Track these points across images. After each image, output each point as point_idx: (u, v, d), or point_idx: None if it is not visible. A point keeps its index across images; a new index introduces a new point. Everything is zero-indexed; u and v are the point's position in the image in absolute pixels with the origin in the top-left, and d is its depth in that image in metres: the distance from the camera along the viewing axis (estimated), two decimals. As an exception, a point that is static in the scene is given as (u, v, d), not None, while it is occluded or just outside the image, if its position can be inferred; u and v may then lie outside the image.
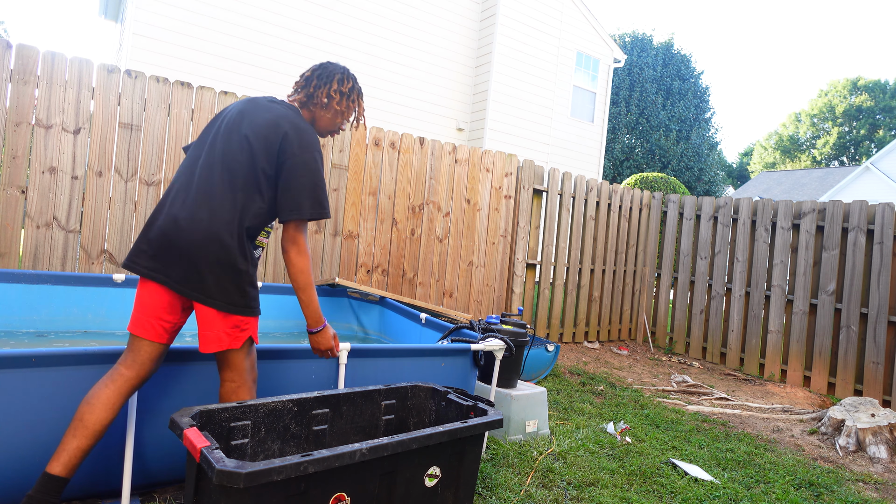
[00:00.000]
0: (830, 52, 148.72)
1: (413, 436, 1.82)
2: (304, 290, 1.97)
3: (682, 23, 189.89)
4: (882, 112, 38.88)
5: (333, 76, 2.11)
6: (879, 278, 5.15)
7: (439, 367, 2.77)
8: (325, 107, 2.13)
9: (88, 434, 1.79)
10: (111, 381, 1.85)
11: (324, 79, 2.10)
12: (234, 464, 1.45)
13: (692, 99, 21.75)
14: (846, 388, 5.28)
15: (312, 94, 2.10)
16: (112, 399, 1.84)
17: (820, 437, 4.03)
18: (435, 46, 10.86)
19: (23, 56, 3.63)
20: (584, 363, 5.68)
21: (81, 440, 1.78)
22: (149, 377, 1.94)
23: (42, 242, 3.74)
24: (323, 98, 2.10)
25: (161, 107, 4.08)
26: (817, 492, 3.06)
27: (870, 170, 23.95)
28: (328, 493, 1.67)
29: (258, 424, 1.97)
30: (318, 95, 2.10)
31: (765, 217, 6.07)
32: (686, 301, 6.75)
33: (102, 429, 1.82)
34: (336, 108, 2.13)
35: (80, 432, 1.78)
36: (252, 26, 8.92)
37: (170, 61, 8.24)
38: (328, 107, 2.13)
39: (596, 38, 12.81)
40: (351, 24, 9.83)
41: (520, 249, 5.91)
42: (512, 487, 2.60)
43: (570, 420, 3.77)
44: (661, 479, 2.91)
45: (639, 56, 21.45)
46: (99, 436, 1.82)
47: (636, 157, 20.45)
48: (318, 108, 2.12)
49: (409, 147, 5.16)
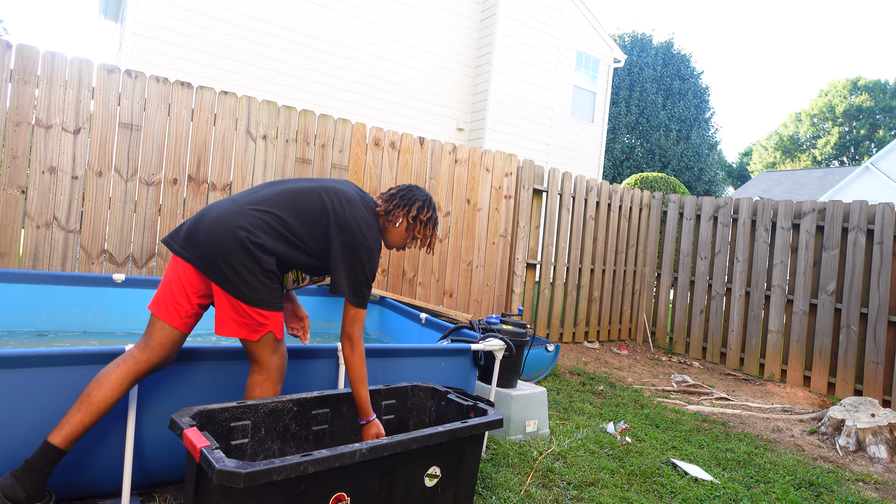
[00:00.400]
0: (831, 51, 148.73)
1: (413, 436, 1.82)
2: (354, 385, 2.09)
3: (682, 22, 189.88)
4: (882, 112, 38.88)
5: (414, 202, 2.27)
6: (879, 278, 5.15)
7: (439, 367, 2.77)
8: (397, 226, 2.27)
9: (92, 410, 1.84)
10: (122, 362, 1.92)
11: (405, 201, 2.26)
12: (234, 464, 1.45)
13: (692, 99, 21.75)
14: (846, 388, 5.28)
15: (391, 210, 2.24)
16: (120, 379, 1.89)
17: (820, 437, 4.03)
18: (435, 46, 10.86)
19: (23, 56, 3.63)
20: (584, 363, 5.68)
21: (84, 415, 1.84)
22: (160, 364, 1.98)
23: (42, 242, 3.74)
24: (399, 218, 2.25)
25: (161, 107, 4.08)
26: (817, 492, 3.06)
27: (870, 170, 23.95)
28: (328, 493, 1.67)
29: (258, 424, 1.97)
30: (395, 214, 2.24)
31: (765, 217, 6.07)
32: (686, 301, 6.75)
33: (106, 407, 1.87)
34: (406, 232, 2.29)
35: (84, 407, 1.84)
36: (252, 26, 8.92)
37: (170, 61, 8.24)
38: (400, 227, 2.27)
39: (596, 38, 12.80)
40: (351, 24, 9.83)
41: (520, 249, 5.91)
42: (512, 487, 2.60)
43: (570, 420, 3.77)
44: (661, 479, 2.91)
45: (639, 56, 21.45)
46: (102, 413, 1.86)
47: (636, 156, 20.45)
48: (391, 224, 2.26)
49: (409, 147, 5.16)
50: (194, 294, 2.02)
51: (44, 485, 1.82)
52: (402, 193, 2.28)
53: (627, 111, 20.75)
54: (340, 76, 9.80)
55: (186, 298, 2.01)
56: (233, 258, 1.94)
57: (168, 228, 4.15)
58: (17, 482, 1.77)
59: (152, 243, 4.11)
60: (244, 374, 2.25)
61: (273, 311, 2.01)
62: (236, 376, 2.24)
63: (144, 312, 3.44)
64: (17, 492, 1.76)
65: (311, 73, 9.51)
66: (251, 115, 4.42)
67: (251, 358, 2.07)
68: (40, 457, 1.80)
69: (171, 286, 2.01)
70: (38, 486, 1.80)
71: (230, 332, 1.99)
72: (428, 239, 2.33)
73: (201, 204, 4.26)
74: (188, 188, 4.22)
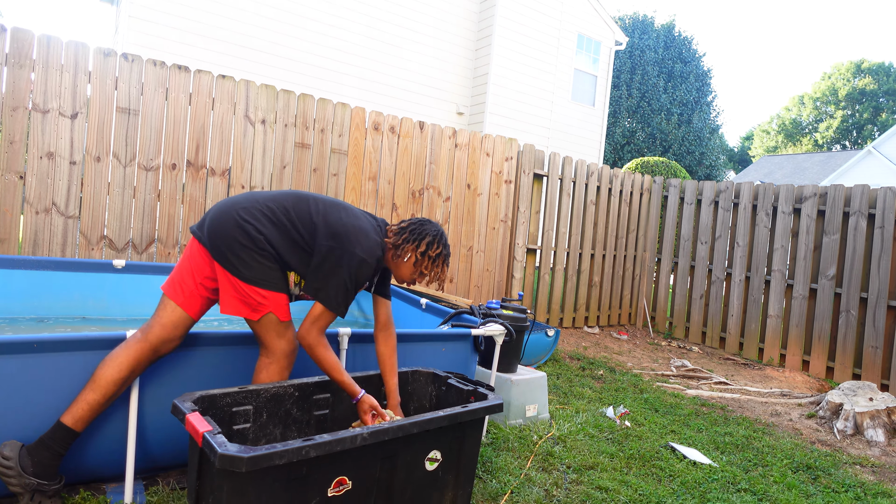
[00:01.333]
0: (834, 34, 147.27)
1: (414, 420, 1.83)
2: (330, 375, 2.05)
3: (684, 5, 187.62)
4: (885, 95, 38.59)
5: (424, 237, 2.21)
6: (880, 263, 5.15)
7: (440, 352, 2.78)
8: (405, 260, 2.21)
9: (98, 388, 1.88)
10: (126, 343, 1.97)
11: (415, 235, 2.21)
12: (236, 448, 1.46)
13: (694, 82, 21.57)
14: (845, 373, 5.30)
15: (400, 245, 2.20)
16: (121, 358, 1.92)
17: (818, 421, 4.05)
18: (435, 29, 10.74)
19: (18, 40, 3.59)
20: (583, 348, 5.70)
21: (90, 393, 1.87)
22: (163, 345, 2.00)
23: (41, 228, 3.74)
24: (408, 253, 2.20)
25: (159, 91, 4.05)
26: (815, 475, 3.09)
27: (872, 153, 23.84)
28: (330, 477, 1.68)
29: (260, 409, 1.98)
30: (404, 249, 2.19)
31: (766, 201, 6.06)
32: (686, 286, 6.76)
33: (111, 384, 1.89)
34: (415, 267, 2.23)
35: (91, 385, 1.88)
36: (250, 9, 8.82)
37: (167, 45, 8.16)
38: (409, 261, 2.22)
39: (597, 20, 12.66)
40: (350, 7, 9.72)
41: (520, 234, 5.90)
42: (512, 471, 2.62)
43: (570, 404, 3.79)
44: (659, 463, 2.94)
45: (640, 38, 21.23)
46: (108, 393, 1.89)
47: (637, 141, 20.34)
48: (400, 259, 2.21)
49: (408, 131, 5.13)
50: (199, 274, 2.06)
51: (56, 464, 1.85)
52: (413, 227, 2.23)
53: (629, 95, 20.60)
54: (339, 60, 9.71)
55: (192, 277, 2.06)
56: (229, 236, 2.00)
57: (167, 214, 4.14)
58: (28, 455, 1.82)
59: (152, 229, 4.10)
60: (247, 359, 2.26)
61: (271, 290, 2.03)
62: (239, 362, 2.25)
63: (145, 298, 3.44)
64: (26, 464, 1.81)
65: (310, 57, 9.42)
66: (249, 99, 4.39)
67: (259, 341, 2.10)
68: (52, 435, 1.84)
69: (182, 265, 2.09)
70: (48, 465, 1.83)
71: (232, 310, 2.03)
72: (437, 275, 2.28)
73: (200, 189, 4.25)
74: (187, 173, 4.20)
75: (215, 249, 2.01)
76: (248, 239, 2.00)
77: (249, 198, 2.12)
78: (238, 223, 2.01)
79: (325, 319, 2.04)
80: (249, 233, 2.01)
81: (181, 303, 2.03)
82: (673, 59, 21.39)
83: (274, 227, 2.06)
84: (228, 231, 2.00)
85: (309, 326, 2.02)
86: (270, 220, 2.06)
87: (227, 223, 2.01)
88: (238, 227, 2.01)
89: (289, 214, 2.09)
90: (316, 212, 2.12)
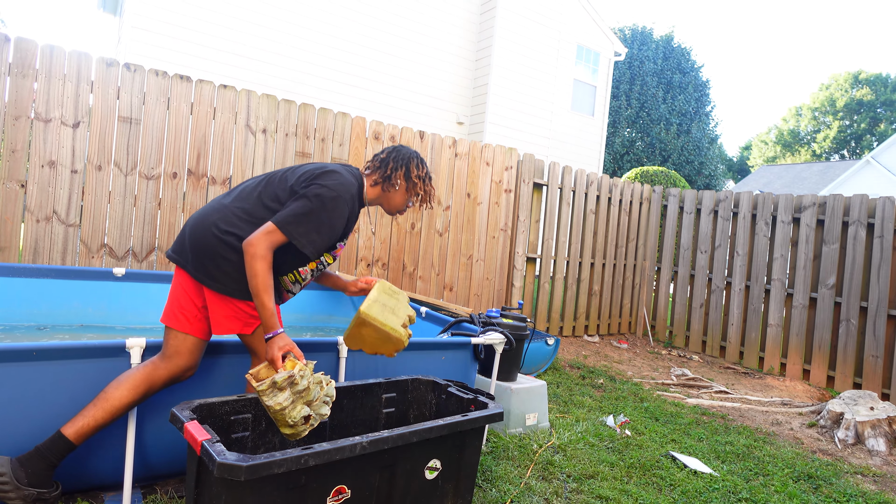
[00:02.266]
0: (832, 45, 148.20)
1: (413, 429, 1.83)
2: (256, 295, 1.86)
3: (683, 16, 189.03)
4: (883, 106, 38.76)
5: (409, 160, 2.23)
6: (879, 272, 5.15)
7: (440, 360, 2.78)
8: (398, 188, 2.22)
9: (107, 407, 1.86)
10: (144, 366, 1.95)
11: (399, 162, 2.22)
12: (235, 457, 1.46)
13: (692, 92, 21.68)
14: (845, 382, 5.29)
15: (389, 175, 2.19)
16: (137, 381, 1.91)
17: (819, 430, 4.04)
18: (435, 40, 10.82)
19: (21, 49, 3.62)
20: (583, 357, 5.69)
21: (98, 410, 1.85)
22: (181, 373, 2.00)
23: (42, 236, 3.74)
24: (399, 180, 2.21)
25: (160, 100, 4.07)
26: (816, 484, 3.07)
27: (870, 164, 23.91)
28: (329, 486, 1.67)
29: (259, 417, 1.97)
30: (395, 177, 2.20)
31: (765, 211, 6.07)
32: (686, 295, 6.75)
33: (121, 406, 1.87)
34: (408, 192, 2.25)
35: (100, 403, 1.86)
36: (251, 19, 8.89)
37: (169, 55, 8.21)
38: (401, 189, 2.23)
39: (596, 31, 12.75)
40: (351, 18, 9.79)
41: (520, 243, 5.91)
42: (512, 480, 2.61)
43: (570, 413, 3.78)
44: (660, 472, 2.93)
45: (639, 49, 21.37)
46: (116, 413, 1.87)
47: (636, 150, 20.41)
48: (392, 188, 2.21)
49: (409, 141, 5.15)
50: (199, 299, 2.02)
51: (50, 474, 1.83)
52: (394, 156, 2.23)
53: (628, 105, 20.70)
54: (340, 70, 9.77)
55: (191, 302, 2.02)
56: (213, 254, 1.95)
57: (168, 222, 4.14)
58: (21, 466, 1.79)
59: (152, 237, 4.11)
60: (246, 367, 2.26)
61: None
62: (238, 370, 2.24)
63: (144, 306, 3.45)
64: (20, 475, 1.78)
65: (311, 67, 9.48)
66: (251, 108, 4.41)
67: (251, 352, 2.08)
68: (50, 445, 1.81)
69: (176, 294, 2.04)
70: (42, 475, 1.81)
71: (225, 330, 1.99)
72: (429, 193, 2.29)
73: (201, 198, 4.26)
74: (188, 182, 4.22)
75: (202, 272, 1.95)
76: (233, 251, 1.95)
77: (218, 206, 2.03)
78: (219, 238, 1.95)
79: (278, 237, 1.90)
80: (233, 245, 1.95)
81: (185, 328, 2.00)
82: (672, 69, 21.51)
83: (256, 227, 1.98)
84: (211, 250, 1.95)
85: (261, 236, 1.88)
86: (249, 221, 1.98)
87: (207, 243, 1.96)
88: (221, 243, 1.95)
89: (263, 201, 2.01)
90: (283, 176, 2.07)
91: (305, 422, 1.76)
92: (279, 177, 2.09)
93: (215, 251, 1.95)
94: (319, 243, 1.98)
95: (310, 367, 1.81)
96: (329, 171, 2.03)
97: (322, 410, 1.82)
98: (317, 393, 1.81)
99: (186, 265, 1.99)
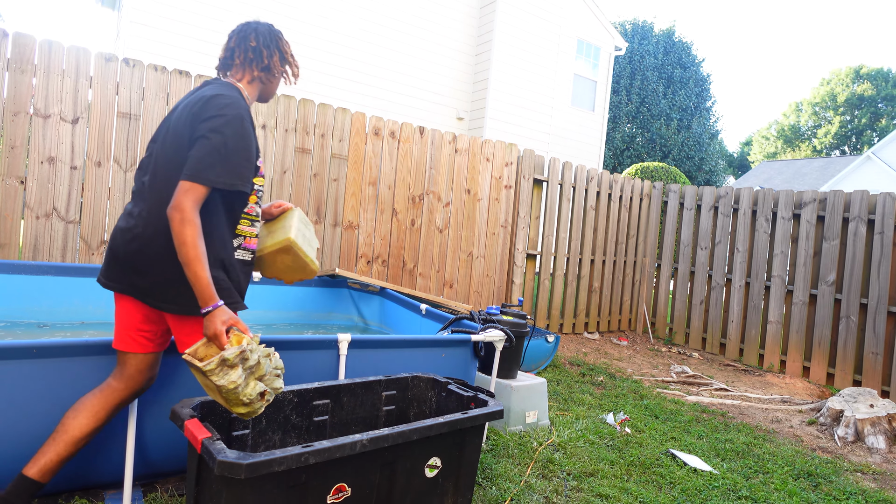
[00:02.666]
0: (833, 40, 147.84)
1: (414, 427, 1.83)
2: (188, 266, 1.64)
3: (684, 10, 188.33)
4: (884, 101, 38.67)
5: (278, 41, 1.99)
6: (880, 268, 5.15)
7: (440, 357, 2.78)
8: (276, 74, 2.00)
9: (68, 440, 1.75)
10: (100, 391, 1.83)
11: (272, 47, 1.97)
12: (235, 455, 1.46)
13: (693, 87, 21.63)
14: (845, 379, 5.30)
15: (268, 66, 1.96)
16: (97, 408, 1.79)
17: (819, 428, 4.04)
18: (435, 35, 10.78)
19: (20, 45, 3.60)
20: (583, 354, 5.69)
21: (59, 445, 1.74)
22: (142, 387, 1.90)
23: (42, 233, 3.74)
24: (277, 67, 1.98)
25: (160, 96, 4.05)
26: (816, 482, 3.08)
27: (871, 159, 23.87)
28: (329, 484, 1.67)
29: (259, 415, 1.97)
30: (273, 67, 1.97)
31: (765, 207, 6.06)
32: (686, 292, 6.75)
33: (83, 436, 1.77)
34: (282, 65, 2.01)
35: (59, 437, 1.75)
36: (250, 14, 8.85)
37: (168, 49, 8.18)
38: (276, 62, 1.98)
39: (597, 26, 12.70)
40: (351, 13, 9.75)
41: (520, 240, 5.90)
42: (512, 478, 2.61)
43: (570, 411, 3.78)
44: (660, 470, 2.93)
45: (640, 44, 21.30)
46: (78, 444, 1.77)
47: (637, 146, 20.37)
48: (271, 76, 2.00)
49: (409, 136, 5.13)
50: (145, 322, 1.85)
51: None
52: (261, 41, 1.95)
53: (628, 100, 20.65)
54: (340, 66, 9.74)
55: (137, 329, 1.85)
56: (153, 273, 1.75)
57: (167, 219, 4.13)
58: None
59: (152, 234, 4.10)
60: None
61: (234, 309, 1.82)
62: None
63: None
64: None
65: (311, 63, 9.45)
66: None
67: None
68: (14, 490, 1.69)
69: (121, 319, 1.86)
70: None
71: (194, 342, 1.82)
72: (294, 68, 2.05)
73: (201, 194, 4.24)
74: (187, 178, 4.20)
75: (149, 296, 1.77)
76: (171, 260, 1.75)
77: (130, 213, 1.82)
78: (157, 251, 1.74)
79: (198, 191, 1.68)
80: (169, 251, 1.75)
81: (139, 349, 1.85)
82: (672, 64, 21.45)
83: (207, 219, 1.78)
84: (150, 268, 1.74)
85: (181, 198, 1.65)
86: None
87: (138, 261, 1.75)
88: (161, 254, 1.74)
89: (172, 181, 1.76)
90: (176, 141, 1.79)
91: (261, 398, 1.66)
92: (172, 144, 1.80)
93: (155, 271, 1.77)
94: (243, 172, 1.78)
95: (256, 341, 1.69)
96: (209, 98, 1.77)
97: (276, 384, 1.72)
98: (268, 367, 1.70)
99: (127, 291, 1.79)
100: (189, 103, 1.81)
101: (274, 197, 4.50)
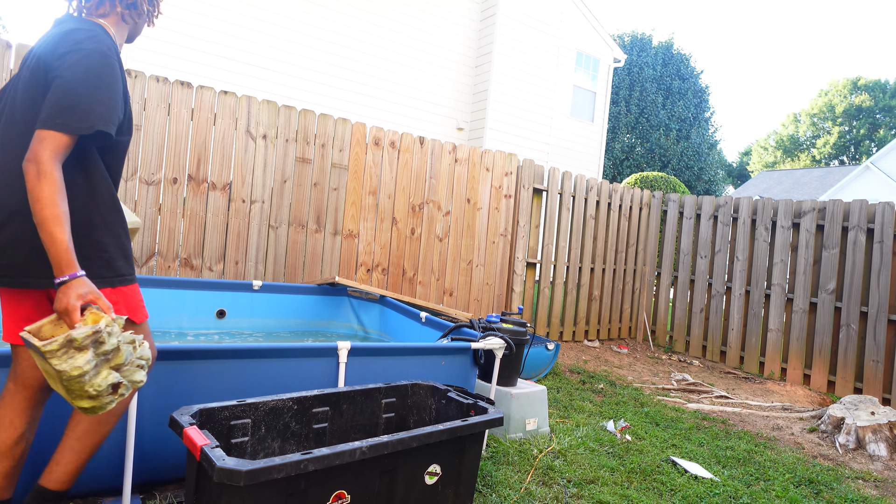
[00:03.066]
0: (831, 51, 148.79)
1: (413, 434, 1.83)
2: (42, 226, 1.42)
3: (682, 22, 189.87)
4: (882, 111, 38.86)
5: None
6: (879, 277, 5.15)
7: (439, 365, 2.78)
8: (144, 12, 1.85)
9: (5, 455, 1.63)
10: (6, 398, 1.67)
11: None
12: (234, 462, 1.46)
13: (692, 98, 21.76)
14: (846, 387, 5.28)
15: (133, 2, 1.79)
16: (15, 415, 1.64)
17: (820, 435, 4.03)
18: (435, 46, 10.86)
19: (23, 55, 3.63)
20: (584, 361, 5.68)
21: None
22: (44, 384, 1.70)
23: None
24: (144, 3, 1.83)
25: (161, 106, 4.08)
26: (817, 489, 3.06)
27: (870, 169, 23.94)
28: (328, 491, 1.67)
29: (258, 423, 1.97)
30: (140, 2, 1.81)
31: (765, 216, 6.08)
32: (686, 300, 6.75)
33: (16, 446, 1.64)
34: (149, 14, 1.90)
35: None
36: (252, 25, 8.93)
37: (169, 60, 8.25)
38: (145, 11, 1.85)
39: (596, 38, 12.81)
40: (352, 24, 9.84)
41: (520, 248, 5.91)
42: (512, 485, 2.60)
43: (570, 418, 3.77)
44: (661, 477, 2.92)
45: (638, 55, 21.46)
46: (15, 456, 1.64)
47: (636, 156, 20.45)
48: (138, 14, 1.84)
49: (409, 146, 5.16)
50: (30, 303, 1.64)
51: None
52: None
53: (627, 111, 20.76)
54: (341, 76, 9.81)
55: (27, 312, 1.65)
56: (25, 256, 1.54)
57: (168, 228, 4.15)
58: None
59: (152, 242, 4.11)
60: (246, 372, 2.25)
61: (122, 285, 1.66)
62: (237, 375, 2.24)
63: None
64: None
65: (312, 73, 9.52)
66: (251, 114, 4.42)
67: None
68: None
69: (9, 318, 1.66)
70: None
71: None
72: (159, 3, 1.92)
73: (201, 203, 4.27)
74: (188, 188, 4.22)
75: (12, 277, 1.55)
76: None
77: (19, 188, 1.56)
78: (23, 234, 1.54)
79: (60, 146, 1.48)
80: None
81: None
82: (671, 75, 21.60)
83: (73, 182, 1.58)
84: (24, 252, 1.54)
85: (38, 149, 1.45)
86: None
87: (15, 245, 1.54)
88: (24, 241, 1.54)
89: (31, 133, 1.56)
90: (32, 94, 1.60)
91: (114, 391, 1.42)
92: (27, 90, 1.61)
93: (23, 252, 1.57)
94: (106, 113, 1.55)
95: (119, 323, 1.45)
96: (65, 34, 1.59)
97: (136, 377, 1.48)
98: (129, 355, 1.46)
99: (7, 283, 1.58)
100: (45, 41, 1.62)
101: (275, 206, 4.52)
